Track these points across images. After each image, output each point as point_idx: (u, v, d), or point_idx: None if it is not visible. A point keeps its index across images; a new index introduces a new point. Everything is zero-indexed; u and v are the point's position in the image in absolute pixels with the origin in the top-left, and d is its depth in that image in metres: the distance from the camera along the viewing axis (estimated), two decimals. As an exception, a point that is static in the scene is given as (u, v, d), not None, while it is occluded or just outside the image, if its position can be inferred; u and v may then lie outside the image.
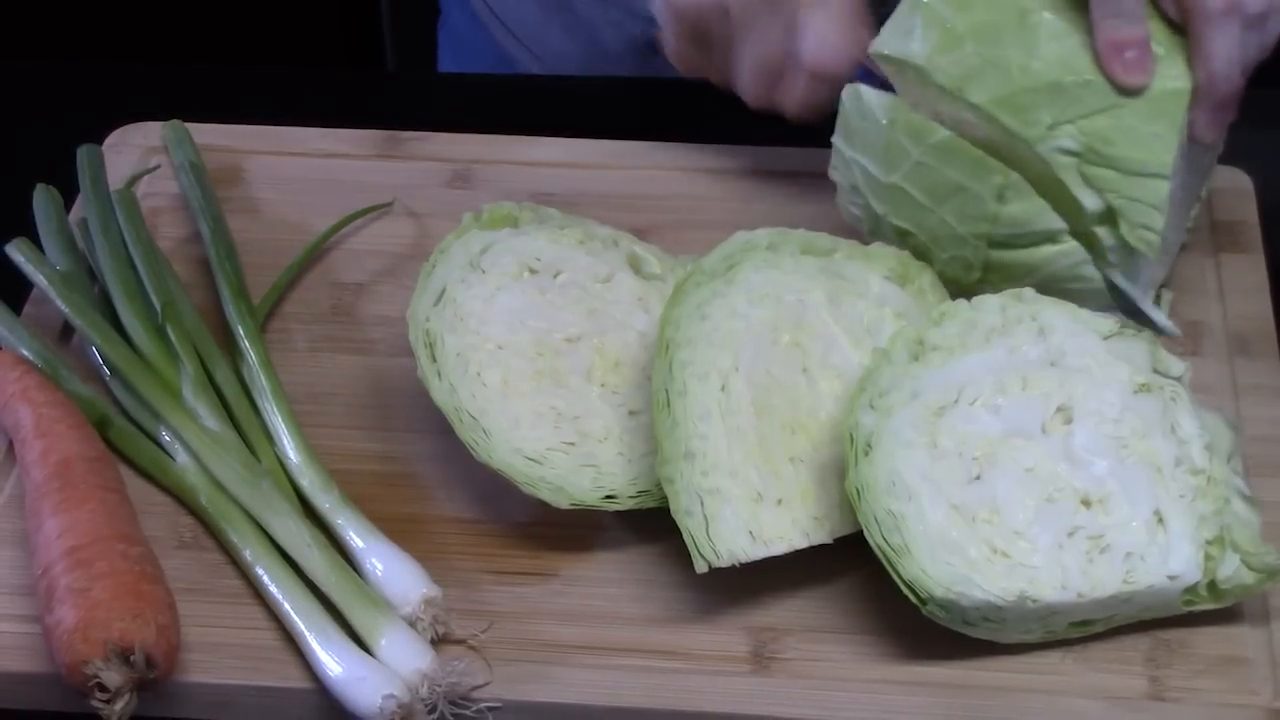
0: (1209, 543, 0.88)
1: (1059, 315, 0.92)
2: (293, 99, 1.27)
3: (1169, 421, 0.90)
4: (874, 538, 0.86)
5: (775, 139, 1.13)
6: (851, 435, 0.88)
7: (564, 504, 0.92)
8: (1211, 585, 0.88)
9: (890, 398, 0.89)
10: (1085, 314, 0.92)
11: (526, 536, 0.95)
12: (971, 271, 0.97)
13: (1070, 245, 0.95)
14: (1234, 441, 0.92)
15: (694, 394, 0.90)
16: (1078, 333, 0.92)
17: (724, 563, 0.88)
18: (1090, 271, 0.96)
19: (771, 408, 0.92)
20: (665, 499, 0.89)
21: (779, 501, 0.90)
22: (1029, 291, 0.93)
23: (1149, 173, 0.93)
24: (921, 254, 0.98)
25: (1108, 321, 0.92)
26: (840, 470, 0.89)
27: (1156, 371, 0.92)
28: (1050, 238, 0.95)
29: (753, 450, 0.91)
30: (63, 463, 0.93)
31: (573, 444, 0.94)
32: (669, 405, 0.89)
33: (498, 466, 0.92)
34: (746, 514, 0.89)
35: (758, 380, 0.92)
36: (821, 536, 0.90)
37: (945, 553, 0.86)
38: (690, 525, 0.88)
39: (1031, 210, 0.94)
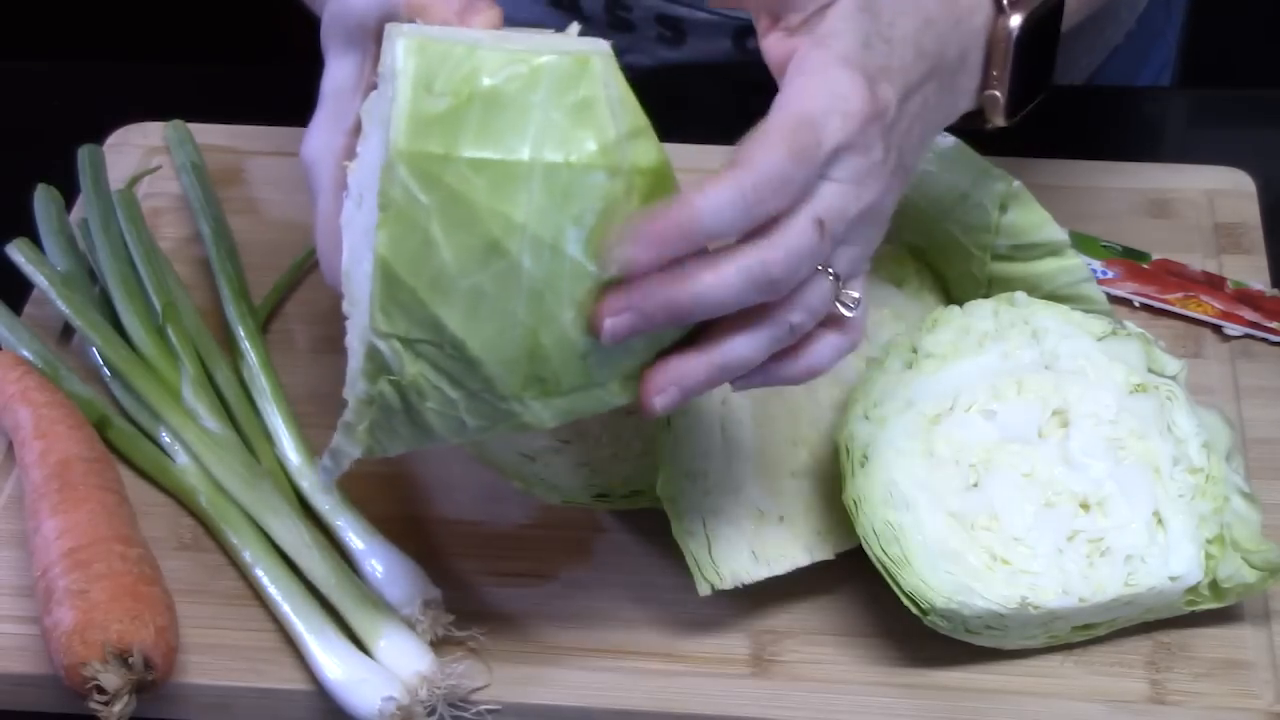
0: (1210, 541, 0.88)
1: (1052, 318, 0.92)
2: (293, 99, 1.27)
3: (1166, 421, 0.90)
4: (873, 550, 0.86)
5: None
6: (847, 447, 0.88)
7: (556, 501, 0.92)
8: (1213, 584, 0.88)
9: (885, 407, 0.89)
10: (1078, 316, 0.92)
11: (526, 538, 0.95)
12: (979, 288, 0.96)
13: (1073, 260, 0.95)
14: (1232, 439, 0.91)
15: (694, 410, 0.90)
16: (1071, 335, 0.91)
17: (727, 585, 0.88)
18: (1092, 290, 0.95)
19: (772, 420, 0.92)
20: (658, 500, 0.89)
21: (781, 519, 0.90)
22: (1021, 295, 0.92)
23: None
24: (933, 272, 0.98)
25: (1101, 323, 0.92)
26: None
27: (1151, 371, 0.92)
28: (1053, 251, 0.95)
29: (754, 466, 0.90)
30: (62, 463, 0.93)
31: (567, 442, 0.94)
32: (669, 423, 0.89)
33: (491, 462, 0.92)
34: (749, 533, 0.89)
35: (757, 391, 0.92)
36: (825, 553, 0.90)
37: (945, 562, 0.86)
38: (693, 546, 0.88)
39: (1032, 221, 0.94)
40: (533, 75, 0.72)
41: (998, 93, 0.87)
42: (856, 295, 0.79)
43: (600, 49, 0.74)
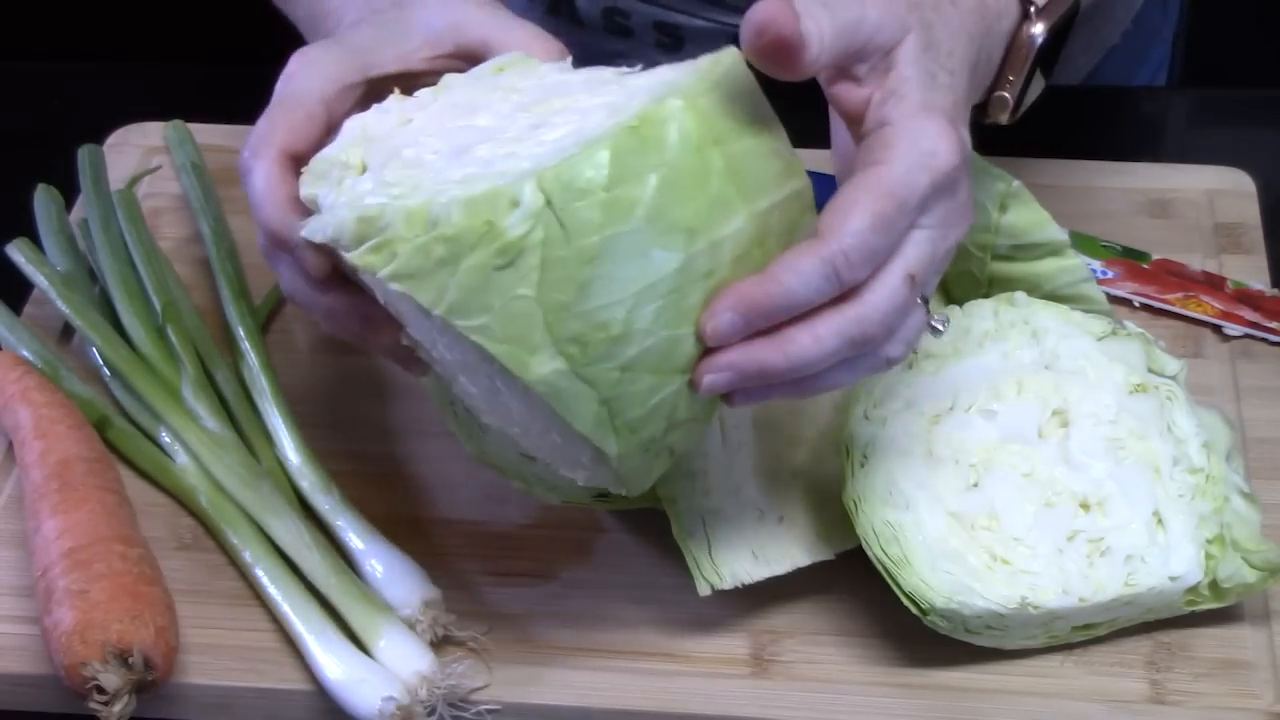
0: (1209, 541, 0.88)
1: (1052, 318, 0.92)
2: (293, 99, 1.26)
3: (1165, 421, 0.90)
4: (872, 549, 0.86)
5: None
6: (848, 447, 0.88)
7: (556, 501, 0.92)
8: (1213, 584, 0.88)
9: (885, 407, 0.89)
10: (1078, 316, 0.92)
11: (526, 539, 0.95)
12: (978, 288, 0.96)
13: (1073, 260, 0.95)
14: (1232, 439, 0.91)
15: None
16: (1071, 335, 0.92)
17: (727, 585, 0.88)
18: (1092, 290, 0.95)
19: (771, 419, 0.92)
20: (658, 500, 0.89)
21: (781, 519, 0.90)
22: (1021, 295, 0.92)
23: None
24: None
25: (1101, 323, 0.92)
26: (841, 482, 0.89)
27: (1151, 371, 0.92)
28: (1053, 250, 0.95)
29: (754, 466, 0.90)
30: (62, 463, 0.93)
31: None
32: None
33: (491, 462, 0.92)
34: (749, 533, 0.89)
35: None
36: (825, 553, 0.90)
37: (945, 562, 0.86)
38: (693, 547, 0.88)
39: (1032, 220, 0.94)
40: (799, 170, 0.77)
41: (1007, 94, 0.87)
42: (944, 315, 0.81)
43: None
